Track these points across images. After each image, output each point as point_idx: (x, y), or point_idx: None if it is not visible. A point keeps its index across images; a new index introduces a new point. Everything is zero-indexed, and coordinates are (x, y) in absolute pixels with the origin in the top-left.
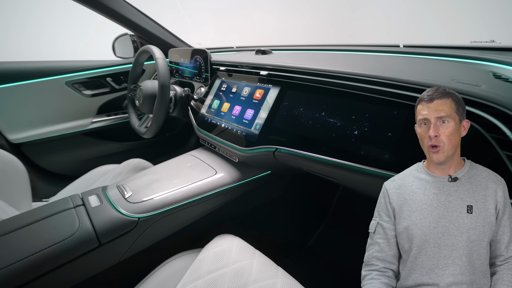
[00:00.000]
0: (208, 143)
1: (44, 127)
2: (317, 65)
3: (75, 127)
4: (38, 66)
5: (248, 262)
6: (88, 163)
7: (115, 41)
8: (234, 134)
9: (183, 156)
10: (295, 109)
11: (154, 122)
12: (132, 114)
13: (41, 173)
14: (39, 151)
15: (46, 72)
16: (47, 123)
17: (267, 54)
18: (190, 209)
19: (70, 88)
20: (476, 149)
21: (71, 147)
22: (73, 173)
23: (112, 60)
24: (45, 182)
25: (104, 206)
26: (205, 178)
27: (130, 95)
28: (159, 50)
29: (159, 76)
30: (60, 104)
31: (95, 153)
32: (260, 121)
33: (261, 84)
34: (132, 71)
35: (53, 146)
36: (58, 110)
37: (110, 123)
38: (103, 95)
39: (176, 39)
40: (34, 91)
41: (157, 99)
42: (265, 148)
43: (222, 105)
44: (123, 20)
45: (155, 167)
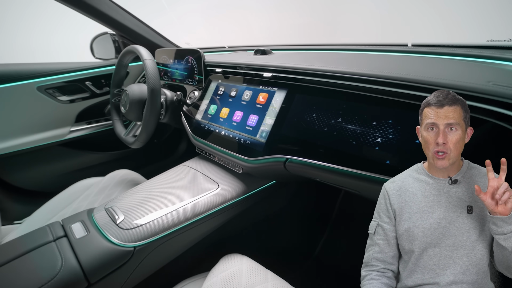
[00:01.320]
0: (206, 152)
1: (13, 139)
2: (328, 66)
3: (50, 138)
4: (4, 70)
5: (262, 287)
6: (67, 177)
7: (94, 41)
8: (237, 143)
9: (178, 167)
10: (307, 114)
11: (144, 131)
12: (117, 122)
13: (12, 191)
14: (8, 166)
15: (14, 77)
16: (17, 135)
17: (268, 54)
18: (192, 230)
19: (43, 94)
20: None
21: (47, 160)
22: (50, 189)
23: (91, 62)
24: (17, 202)
25: (91, 236)
26: (206, 193)
27: (113, 100)
28: (146, 50)
29: (148, 79)
30: (31, 112)
31: (74, 166)
32: (266, 128)
33: (264, 87)
34: (115, 74)
35: (25, 160)
36: (29, 119)
37: (91, 132)
38: (82, 101)
39: (162, 38)
40: (0, 98)
41: (147, 105)
42: (274, 158)
43: (220, 111)
44: (102, 18)
45: (148, 182)
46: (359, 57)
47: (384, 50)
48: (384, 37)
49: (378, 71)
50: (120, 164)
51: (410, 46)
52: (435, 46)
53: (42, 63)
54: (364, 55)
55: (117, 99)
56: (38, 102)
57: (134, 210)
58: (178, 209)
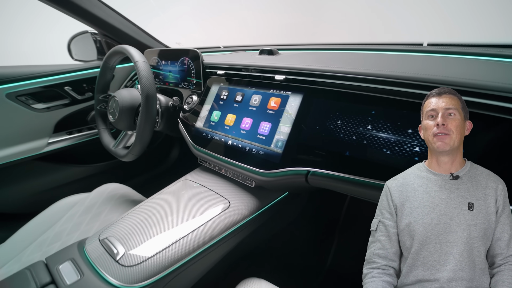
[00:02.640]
0: (210, 164)
1: None
2: (351, 68)
3: (25, 152)
4: None
5: None
6: (47, 196)
7: (72, 40)
8: (248, 154)
9: (180, 182)
10: (330, 121)
11: (138, 142)
12: (104, 132)
13: None
14: None
15: None
16: None
17: (275, 54)
18: (205, 258)
19: (14, 101)
20: None
21: (22, 177)
22: (28, 209)
23: (70, 64)
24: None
25: (86, 281)
26: (217, 213)
27: (99, 107)
28: (138, 51)
29: (142, 84)
30: (0, 123)
31: (55, 182)
32: (281, 136)
33: (275, 91)
34: (100, 78)
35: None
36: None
37: (72, 143)
38: (61, 109)
39: (151, 38)
40: None
41: (142, 113)
42: (293, 171)
43: (225, 117)
44: (82, 14)
45: (146, 202)
46: (376, 57)
47: (399, 50)
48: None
49: (413, 73)
50: (107, 177)
51: (425, 46)
52: (455, 45)
53: (10, 66)
54: (379, 55)
55: (103, 106)
56: (8, 111)
57: (135, 240)
58: (188, 236)
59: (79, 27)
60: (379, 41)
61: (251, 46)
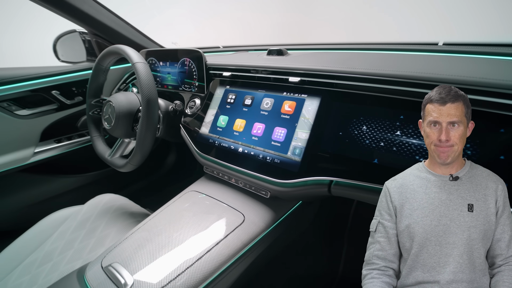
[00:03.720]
0: (219, 173)
1: None
2: (372, 68)
3: (8, 163)
4: None
5: None
6: (35, 210)
7: (58, 40)
8: (261, 162)
9: (186, 194)
10: (354, 126)
11: (139, 151)
12: (97, 140)
13: None
14: None
15: None
16: None
17: (285, 55)
18: (222, 281)
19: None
20: None
21: (6, 191)
22: (13, 227)
23: (57, 66)
24: None
25: None
26: (232, 229)
27: (91, 113)
28: (135, 51)
29: (142, 87)
30: None
31: (43, 195)
32: (299, 143)
33: (289, 94)
34: (92, 81)
35: None
36: None
37: (61, 152)
38: (49, 115)
39: (145, 37)
40: None
41: (142, 119)
42: (314, 181)
43: (233, 122)
44: (70, 11)
45: (152, 218)
46: (395, 57)
47: (413, 50)
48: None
49: (448, 74)
50: (100, 187)
51: (441, 45)
52: (474, 45)
53: None
54: (396, 55)
55: (96, 112)
56: None
57: (144, 266)
58: (204, 257)
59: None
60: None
61: (253, 46)
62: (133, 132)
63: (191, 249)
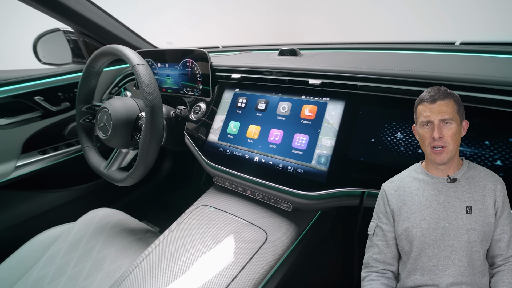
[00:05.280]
0: (232, 184)
1: None
2: (403, 69)
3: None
4: None
5: None
6: (20, 231)
7: (39, 40)
8: (282, 172)
9: (198, 210)
10: (386, 132)
11: (142, 163)
12: (90, 151)
13: None
14: None
15: None
16: None
17: (298, 55)
18: None
19: None
20: None
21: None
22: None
23: (40, 69)
24: None
25: None
26: (256, 249)
27: (82, 121)
28: (135, 52)
29: (145, 92)
30: None
31: (27, 213)
32: (324, 151)
33: (308, 98)
34: (83, 85)
35: None
36: None
37: (48, 164)
38: (31, 123)
39: (138, 37)
40: None
41: (146, 128)
42: (344, 192)
43: (246, 129)
44: (54, 8)
45: (164, 241)
46: (418, 57)
47: (430, 49)
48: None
49: (490, 76)
50: (92, 201)
51: (458, 44)
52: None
53: None
54: (417, 55)
55: (87, 119)
56: None
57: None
58: (231, 286)
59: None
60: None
61: (255, 46)
62: (132, 141)
63: (215, 278)
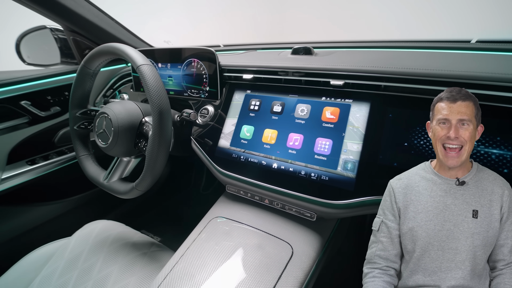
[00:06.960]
0: (247, 193)
1: None
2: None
3: None
4: None
5: None
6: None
7: (22, 38)
8: (305, 179)
9: (212, 223)
10: (419, 136)
11: (150, 174)
12: (87, 160)
13: None
14: None
15: None
16: None
17: (313, 54)
18: None
19: None
20: None
21: None
22: None
23: (26, 70)
24: None
25: None
26: (284, 266)
27: (77, 127)
28: (138, 51)
29: (151, 95)
30: None
31: (17, 229)
32: (351, 156)
33: (329, 99)
34: (77, 88)
35: None
36: None
37: (37, 175)
38: (18, 130)
39: (133, 35)
40: None
41: (154, 135)
42: (375, 200)
43: (261, 133)
44: (41, 3)
45: (180, 260)
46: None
47: (445, 47)
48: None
49: None
50: (86, 213)
51: (474, 43)
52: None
53: None
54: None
55: (82, 126)
56: None
57: None
58: None
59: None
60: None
61: (260, 44)
62: (135, 149)
63: None
